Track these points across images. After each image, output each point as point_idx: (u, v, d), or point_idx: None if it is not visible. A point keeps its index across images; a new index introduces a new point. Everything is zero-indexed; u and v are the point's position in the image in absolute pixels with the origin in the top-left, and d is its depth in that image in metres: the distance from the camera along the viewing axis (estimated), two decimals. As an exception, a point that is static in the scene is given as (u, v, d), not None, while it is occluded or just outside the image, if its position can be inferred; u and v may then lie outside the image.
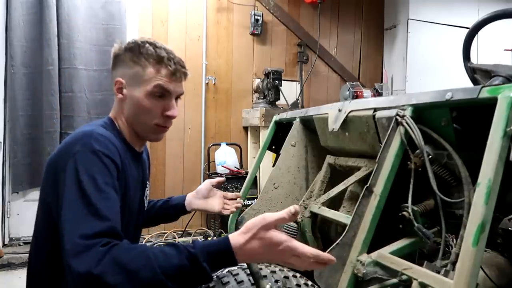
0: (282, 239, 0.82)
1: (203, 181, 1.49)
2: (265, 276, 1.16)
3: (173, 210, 1.42)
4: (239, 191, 1.65)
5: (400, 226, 1.03)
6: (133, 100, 1.11)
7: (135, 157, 1.18)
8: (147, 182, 1.30)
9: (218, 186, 1.46)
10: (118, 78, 1.13)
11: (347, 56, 4.54)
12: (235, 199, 1.45)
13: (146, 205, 1.30)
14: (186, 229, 3.63)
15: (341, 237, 1.03)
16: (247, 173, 3.19)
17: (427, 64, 4.34)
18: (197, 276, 0.81)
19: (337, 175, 1.44)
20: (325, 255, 0.82)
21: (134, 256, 0.79)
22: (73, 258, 0.79)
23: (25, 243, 3.27)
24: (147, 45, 1.11)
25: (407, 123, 0.98)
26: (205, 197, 1.42)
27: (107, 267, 0.77)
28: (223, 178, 1.48)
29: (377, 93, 4.18)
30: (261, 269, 1.20)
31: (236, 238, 0.82)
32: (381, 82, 4.54)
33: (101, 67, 3.38)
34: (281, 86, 3.74)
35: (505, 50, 4.35)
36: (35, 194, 3.31)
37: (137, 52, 1.11)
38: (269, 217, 0.83)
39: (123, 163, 1.03)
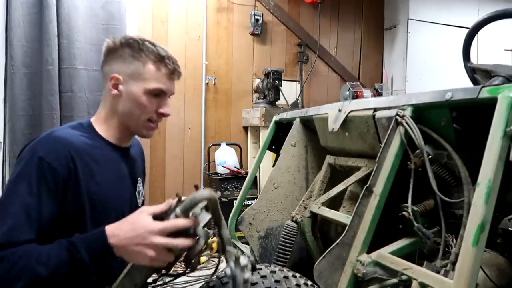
0: (144, 219, 0.89)
1: (203, 181, 1.46)
2: (264, 277, 1.16)
3: None
4: (239, 191, 1.65)
5: (400, 226, 1.03)
6: (130, 96, 1.11)
7: (119, 153, 1.17)
8: (139, 177, 1.28)
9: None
10: (114, 74, 1.11)
11: (347, 56, 4.54)
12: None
13: (140, 201, 1.27)
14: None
15: (341, 237, 1.03)
16: (247, 173, 3.19)
17: (427, 64, 4.34)
18: (75, 263, 0.86)
19: (337, 175, 1.44)
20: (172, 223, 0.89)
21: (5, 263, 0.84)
22: None
23: (25, 243, 3.27)
24: (146, 42, 1.12)
25: (407, 123, 0.98)
26: None
27: None
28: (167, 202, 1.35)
29: (377, 93, 4.18)
30: (260, 269, 1.20)
31: (112, 225, 0.90)
32: (381, 82, 4.54)
33: (101, 67, 3.37)
34: (281, 86, 3.74)
35: (505, 50, 4.35)
36: (35, 194, 3.31)
37: (137, 48, 1.10)
38: (145, 207, 0.92)
39: (79, 156, 1.02)
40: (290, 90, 4.11)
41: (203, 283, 1.24)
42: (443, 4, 4.45)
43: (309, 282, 1.16)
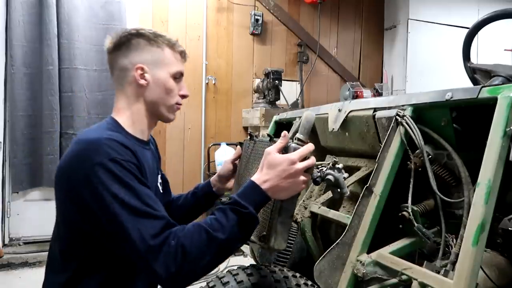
0: (280, 156, 0.97)
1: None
2: (264, 277, 1.16)
3: (204, 199, 1.40)
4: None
5: (400, 226, 1.03)
6: (158, 82, 1.12)
7: (146, 148, 1.17)
8: (160, 169, 1.29)
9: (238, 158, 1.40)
10: (139, 64, 1.10)
11: (347, 56, 4.54)
12: None
13: (160, 192, 1.28)
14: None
15: (341, 237, 1.03)
16: (247, 173, 3.18)
17: (427, 64, 4.34)
18: (247, 219, 0.92)
19: (337, 175, 1.44)
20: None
21: (195, 238, 0.89)
22: (154, 263, 0.87)
23: (25, 243, 3.27)
24: (152, 30, 1.14)
25: (407, 123, 0.98)
26: (229, 179, 1.39)
27: (181, 261, 0.87)
28: (238, 148, 1.40)
29: (377, 93, 4.18)
30: (260, 269, 1.20)
31: (255, 175, 0.98)
32: (381, 82, 4.54)
33: (101, 67, 3.37)
34: (281, 86, 3.74)
35: (505, 50, 4.35)
36: (35, 194, 3.31)
37: (150, 36, 1.12)
38: (269, 148, 1.00)
39: (138, 159, 1.02)
40: (290, 90, 4.12)
41: (203, 283, 1.24)
42: (443, 4, 4.45)
43: (309, 282, 1.16)
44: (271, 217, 1.01)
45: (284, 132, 1.01)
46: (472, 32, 1.49)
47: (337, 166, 1.03)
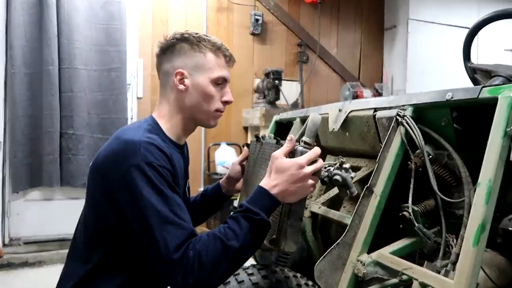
0: (287, 161, 0.97)
1: (203, 181, 1.45)
2: (265, 277, 1.16)
3: (213, 200, 1.41)
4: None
5: (401, 226, 1.03)
6: (198, 88, 1.12)
7: (180, 151, 1.18)
8: (188, 173, 1.30)
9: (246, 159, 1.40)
10: (179, 69, 1.11)
11: (347, 56, 4.54)
12: None
13: (188, 195, 1.30)
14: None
15: (342, 237, 1.03)
16: (247, 173, 3.18)
17: (427, 64, 4.34)
18: (259, 225, 0.93)
19: (337, 175, 1.44)
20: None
21: (210, 248, 0.90)
22: (174, 273, 0.89)
23: (25, 243, 3.27)
24: (199, 34, 1.14)
25: (407, 123, 0.98)
26: (238, 181, 1.39)
27: (197, 271, 0.89)
28: (245, 150, 1.39)
29: (377, 93, 4.18)
30: (261, 269, 1.20)
31: (264, 180, 0.99)
32: (381, 82, 4.54)
33: (101, 67, 3.38)
34: (281, 86, 3.74)
35: (505, 50, 4.35)
36: (35, 194, 3.31)
37: (194, 41, 1.12)
38: (276, 153, 0.99)
39: (173, 164, 1.03)
40: (290, 90, 4.12)
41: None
42: (443, 4, 4.45)
43: (310, 282, 1.16)
44: (281, 220, 1.02)
45: (291, 136, 1.02)
46: (473, 32, 1.49)
47: (344, 166, 1.05)
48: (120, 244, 1.02)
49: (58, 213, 3.32)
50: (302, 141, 1.02)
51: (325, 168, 1.04)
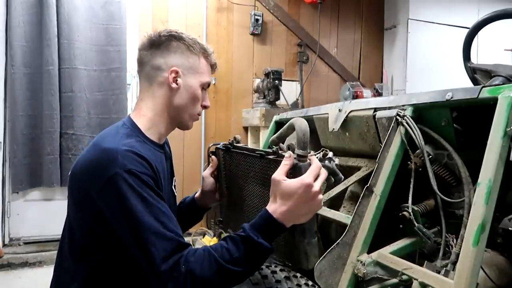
0: (294, 183, 0.91)
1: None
2: (265, 277, 1.16)
3: (190, 213, 1.38)
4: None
5: (401, 226, 1.03)
6: (189, 90, 1.12)
7: (161, 151, 1.16)
8: (173, 171, 1.28)
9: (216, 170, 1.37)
10: (175, 68, 1.10)
11: (347, 56, 4.54)
12: None
13: (175, 195, 1.28)
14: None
15: (341, 237, 1.03)
16: (247, 173, 3.18)
17: (427, 64, 4.34)
18: (260, 253, 0.90)
19: (337, 175, 1.44)
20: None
21: (205, 266, 0.88)
22: (164, 285, 0.88)
23: (25, 243, 3.27)
24: (191, 36, 1.14)
25: (407, 123, 0.98)
26: (214, 192, 1.36)
27: (191, 287, 0.87)
28: (214, 159, 1.41)
29: (377, 93, 4.18)
30: (261, 269, 1.20)
31: (270, 205, 0.92)
32: (381, 82, 4.54)
33: (101, 67, 3.37)
34: (281, 86, 3.74)
35: (505, 50, 4.35)
36: (35, 194, 3.30)
37: (191, 42, 1.12)
38: (277, 175, 0.93)
39: (154, 169, 1.00)
40: (290, 90, 4.11)
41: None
42: (443, 4, 4.45)
43: (310, 282, 1.16)
44: (297, 240, 1.00)
45: (289, 153, 0.96)
46: (472, 32, 1.49)
47: (327, 156, 1.01)
48: (109, 256, 1.01)
49: (58, 213, 3.30)
50: (296, 154, 0.96)
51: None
